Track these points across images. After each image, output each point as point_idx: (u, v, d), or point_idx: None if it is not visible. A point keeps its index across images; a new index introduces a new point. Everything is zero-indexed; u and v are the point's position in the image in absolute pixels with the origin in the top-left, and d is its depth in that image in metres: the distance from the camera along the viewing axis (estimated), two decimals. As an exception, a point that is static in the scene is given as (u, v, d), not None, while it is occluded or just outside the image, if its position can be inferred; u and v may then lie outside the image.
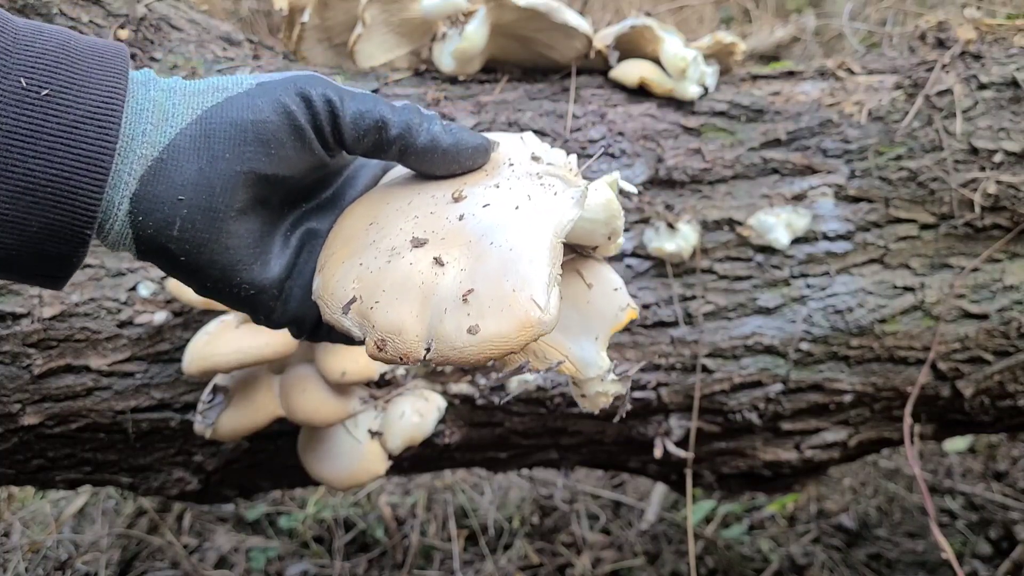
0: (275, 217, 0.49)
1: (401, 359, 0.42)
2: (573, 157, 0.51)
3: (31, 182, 0.41)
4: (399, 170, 0.53)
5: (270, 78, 0.47)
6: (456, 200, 0.46)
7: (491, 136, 0.51)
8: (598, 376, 0.51)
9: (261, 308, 0.49)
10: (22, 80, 0.41)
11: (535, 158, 0.50)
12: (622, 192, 0.50)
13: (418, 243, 0.44)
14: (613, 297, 0.52)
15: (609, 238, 0.50)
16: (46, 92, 0.41)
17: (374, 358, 0.43)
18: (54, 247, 0.43)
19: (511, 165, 0.49)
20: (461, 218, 0.45)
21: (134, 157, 0.44)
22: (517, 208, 0.45)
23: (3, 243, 0.42)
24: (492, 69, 1.03)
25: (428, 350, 0.42)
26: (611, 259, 0.92)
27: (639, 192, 0.94)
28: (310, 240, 0.51)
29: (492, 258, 0.43)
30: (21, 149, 0.41)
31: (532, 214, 0.45)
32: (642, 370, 0.98)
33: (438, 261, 0.43)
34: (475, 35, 0.94)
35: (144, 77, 0.46)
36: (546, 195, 0.46)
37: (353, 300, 0.44)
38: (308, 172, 0.49)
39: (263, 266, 0.48)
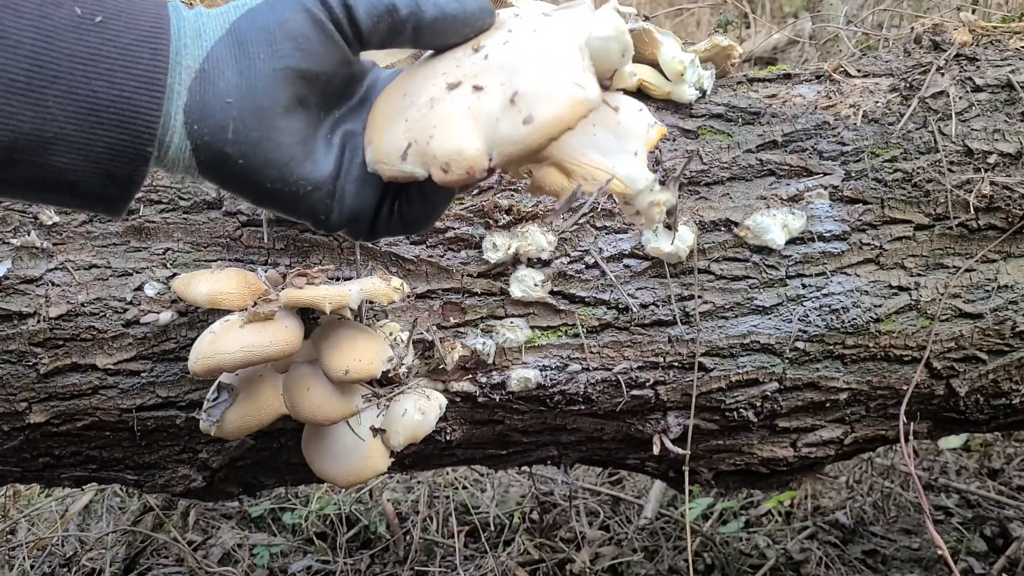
0: (315, 119, 0.52)
1: (468, 174, 0.46)
2: (627, 24, 0.55)
3: (95, 103, 0.43)
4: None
5: None
6: (476, 50, 0.51)
7: None
8: (647, 187, 0.54)
9: (319, 207, 0.52)
10: (77, 8, 0.43)
11: (542, 12, 0.54)
12: (620, 15, 0.53)
13: (453, 86, 0.48)
14: (639, 116, 0.56)
15: (623, 55, 0.52)
16: (100, 19, 0.44)
17: (443, 183, 0.47)
18: (119, 167, 0.45)
19: (517, 15, 0.53)
20: (486, 57, 0.49)
21: (181, 69, 0.47)
22: (535, 31, 0.50)
23: (71, 164, 0.44)
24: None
25: (491, 159, 0.46)
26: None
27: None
28: (350, 140, 0.54)
29: (527, 68, 0.47)
30: (84, 72, 0.43)
31: (552, 28, 0.49)
32: (640, 368, 1.00)
33: (477, 88, 0.47)
34: (476, 38, 0.95)
35: (174, 4, 0.49)
36: (559, 16, 0.51)
37: (409, 145, 0.48)
38: (336, 68, 0.52)
39: (314, 163, 0.51)
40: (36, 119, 0.43)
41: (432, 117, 0.48)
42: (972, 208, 0.99)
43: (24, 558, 1.80)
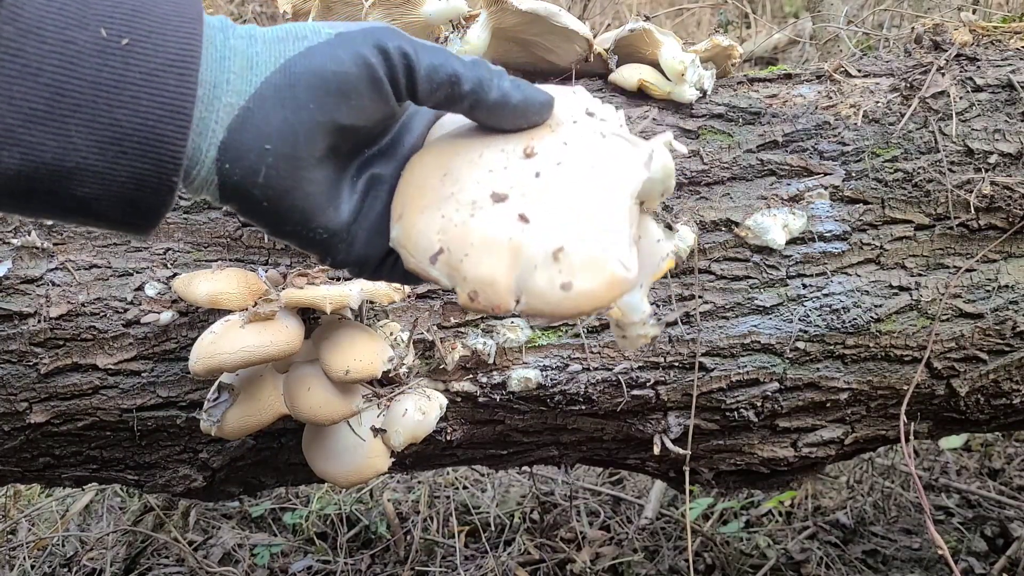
0: (344, 164, 0.51)
1: (493, 310, 0.45)
2: (621, 113, 0.54)
3: (117, 132, 0.41)
4: (451, 118, 0.55)
5: (348, 28, 0.48)
6: (528, 156, 0.49)
7: (547, 89, 0.53)
8: (641, 320, 0.55)
9: (330, 250, 0.51)
10: (102, 30, 0.41)
11: (590, 113, 0.52)
12: (672, 151, 0.52)
13: (499, 198, 0.47)
14: (656, 248, 0.55)
15: (663, 194, 0.52)
16: (126, 41, 0.41)
17: (466, 307, 0.46)
18: (142, 196, 0.43)
19: (575, 122, 0.51)
20: (537, 175, 0.47)
21: (220, 105, 0.44)
22: (592, 168, 0.48)
23: (94, 194, 0.42)
24: (493, 71, 1.04)
25: (518, 302, 0.45)
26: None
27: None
28: (374, 185, 0.52)
29: (575, 219, 0.46)
30: (107, 99, 0.41)
31: (606, 176, 0.48)
32: (641, 368, 1.00)
33: (523, 218, 0.46)
34: (477, 39, 0.96)
35: (221, 23, 0.46)
36: (616, 156, 0.49)
37: (440, 251, 0.46)
38: (378, 123, 0.50)
39: (335, 211, 0.49)
40: (58, 149, 0.41)
41: (471, 232, 0.46)
42: (972, 208, 0.99)
43: (25, 558, 1.81)
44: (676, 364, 1.00)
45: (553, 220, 0.46)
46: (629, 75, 1.00)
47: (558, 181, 0.47)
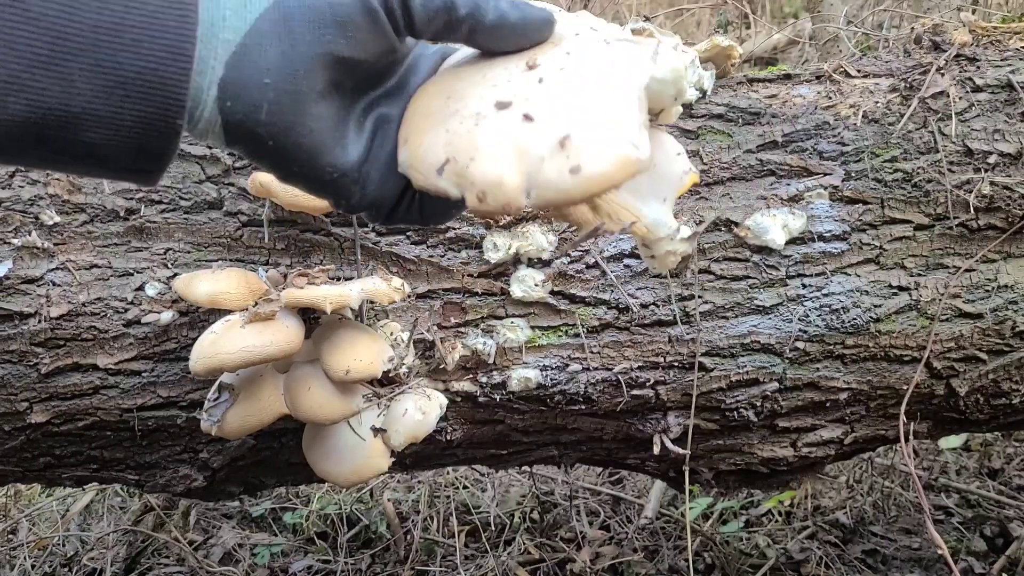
0: (349, 102, 0.51)
1: (504, 208, 0.45)
2: (627, 27, 0.53)
3: (120, 76, 0.42)
4: (458, 56, 0.55)
5: None
6: (530, 68, 0.48)
7: (548, 7, 0.52)
8: (668, 236, 0.54)
9: (343, 192, 0.51)
10: None
11: (593, 29, 0.52)
12: (681, 54, 0.52)
13: (502, 106, 0.46)
14: (676, 161, 0.54)
15: (675, 99, 0.51)
16: None
17: (475, 212, 0.46)
18: (149, 140, 0.44)
19: (577, 35, 0.51)
20: (540, 81, 0.47)
21: (218, 43, 0.44)
22: (595, 67, 0.47)
23: (102, 139, 0.43)
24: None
25: (528, 196, 0.45)
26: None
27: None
28: (382, 125, 0.52)
29: (582, 111, 0.45)
30: (108, 43, 0.41)
31: (612, 70, 0.47)
32: (640, 368, 1.00)
33: (528, 118, 0.45)
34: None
35: None
36: (621, 55, 0.48)
37: (447, 161, 0.46)
38: (379, 57, 0.50)
39: (343, 149, 0.49)
40: (62, 94, 0.41)
41: (476, 138, 0.46)
42: (972, 208, 0.99)
43: (25, 558, 1.81)
44: (676, 364, 1.00)
45: (558, 116, 0.45)
46: (629, 75, 1.00)
47: (562, 83, 0.47)
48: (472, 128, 0.46)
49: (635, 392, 1.00)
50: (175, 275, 0.91)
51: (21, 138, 0.42)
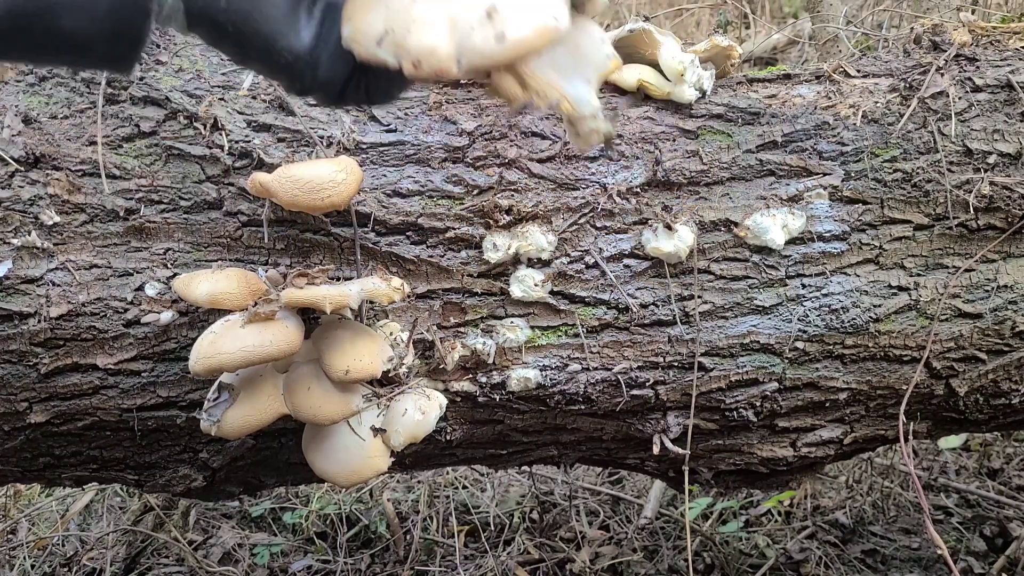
0: None
1: (436, 74, 0.51)
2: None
3: None
4: None
5: None
6: None
7: None
8: (591, 114, 0.59)
9: (296, 74, 0.57)
10: None
11: None
12: None
13: None
14: (600, 46, 0.60)
15: None
16: None
17: (410, 76, 0.52)
18: (121, 25, 0.50)
19: None
20: None
21: None
22: None
23: (78, 26, 0.49)
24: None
25: (459, 64, 0.50)
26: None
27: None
28: (330, 12, 0.57)
29: None
30: None
31: None
32: (640, 368, 1.00)
33: None
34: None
35: None
36: None
37: (386, 33, 0.52)
38: None
39: (296, 34, 0.55)
40: None
41: (413, 12, 0.51)
42: (972, 208, 0.99)
43: (25, 557, 1.81)
44: (675, 364, 1.00)
45: None
46: (629, 75, 1.00)
47: None
48: (409, 5, 0.52)
49: (635, 392, 1.00)
50: (175, 275, 0.91)
51: (4, 31, 0.48)
